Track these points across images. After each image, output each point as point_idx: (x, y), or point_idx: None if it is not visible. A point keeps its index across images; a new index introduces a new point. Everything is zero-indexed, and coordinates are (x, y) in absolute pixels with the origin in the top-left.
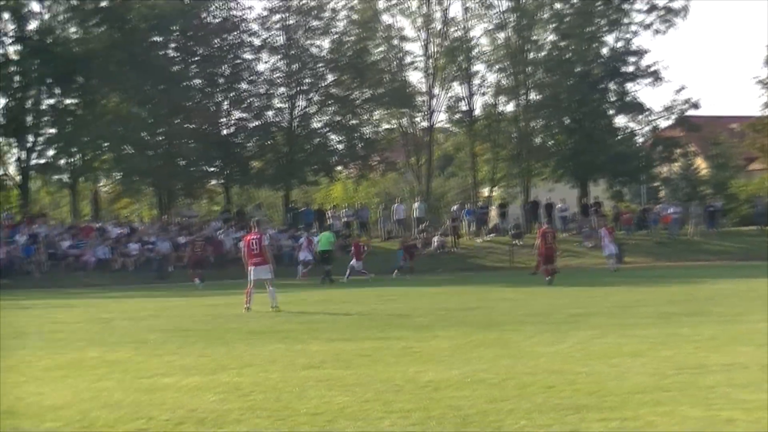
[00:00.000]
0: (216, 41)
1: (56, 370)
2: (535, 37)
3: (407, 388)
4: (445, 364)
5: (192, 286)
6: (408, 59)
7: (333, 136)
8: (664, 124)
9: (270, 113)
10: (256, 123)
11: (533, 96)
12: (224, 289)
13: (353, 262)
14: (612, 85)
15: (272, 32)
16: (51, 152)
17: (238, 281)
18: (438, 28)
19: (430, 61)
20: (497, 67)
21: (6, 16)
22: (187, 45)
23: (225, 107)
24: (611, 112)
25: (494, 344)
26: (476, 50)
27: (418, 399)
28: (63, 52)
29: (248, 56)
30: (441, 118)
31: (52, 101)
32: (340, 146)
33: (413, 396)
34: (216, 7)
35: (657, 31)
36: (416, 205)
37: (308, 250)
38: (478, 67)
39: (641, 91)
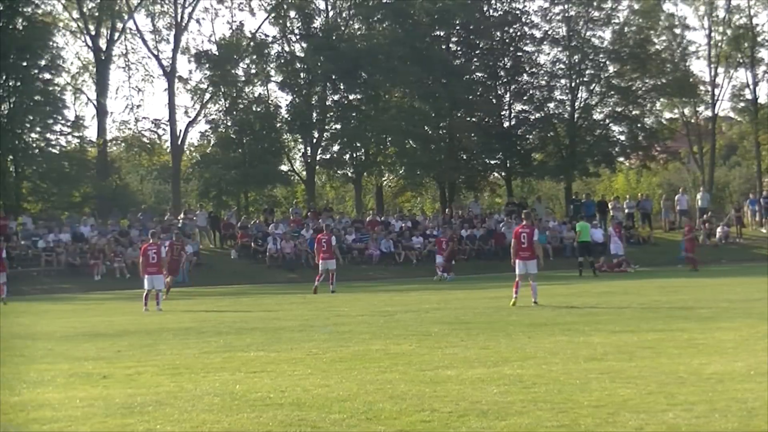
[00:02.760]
0: (497, 34)
1: (341, 362)
2: None
3: (691, 380)
4: (729, 356)
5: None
6: (691, 48)
7: (615, 127)
8: None
9: (551, 105)
10: (538, 115)
11: None
12: (506, 282)
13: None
14: None
15: (553, 24)
16: (336, 147)
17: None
18: (721, 16)
19: (713, 49)
20: None
21: (292, 14)
22: (468, 38)
23: (506, 100)
24: None
25: None
26: (761, 37)
27: (702, 391)
28: (347, 48)
29: (529, 48)
30: (724, 107)
31: (336, 97)
32: (622, 137)
33: (697, 388)
34: (497, 0)
35: None
36: (700, 195)
37: (618, 241)
38: (763, 54)
39: None
